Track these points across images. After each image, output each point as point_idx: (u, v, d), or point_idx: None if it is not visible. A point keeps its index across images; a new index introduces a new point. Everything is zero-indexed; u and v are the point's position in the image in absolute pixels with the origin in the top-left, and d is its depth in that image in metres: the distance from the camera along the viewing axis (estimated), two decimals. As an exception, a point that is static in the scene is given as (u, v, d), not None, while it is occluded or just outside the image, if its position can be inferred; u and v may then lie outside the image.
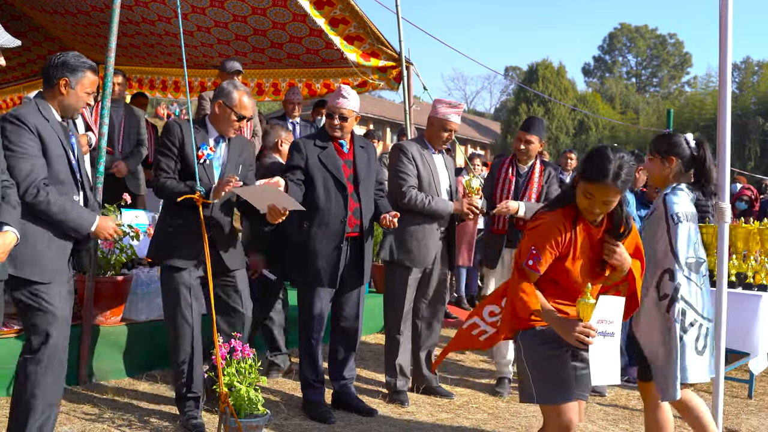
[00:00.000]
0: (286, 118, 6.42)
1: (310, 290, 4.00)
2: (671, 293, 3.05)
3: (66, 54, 3.05)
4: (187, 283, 3.62)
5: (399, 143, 4.61)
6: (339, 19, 6.41)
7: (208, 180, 3.63)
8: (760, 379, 5.53)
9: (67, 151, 3.00)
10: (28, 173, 2.83)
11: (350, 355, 4.20)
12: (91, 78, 3.07)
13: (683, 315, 3.05)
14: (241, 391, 3.34)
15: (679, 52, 54.20)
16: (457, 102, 4.46)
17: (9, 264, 2.78)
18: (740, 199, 8.41)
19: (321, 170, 3.98)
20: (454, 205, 4.36)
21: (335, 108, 4.01)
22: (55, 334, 2.89)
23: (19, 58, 8.86)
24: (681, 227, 3.07)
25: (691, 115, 33.26)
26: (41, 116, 2.94)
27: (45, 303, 2.87)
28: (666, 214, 3.11)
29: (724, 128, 4.12)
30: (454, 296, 7.72)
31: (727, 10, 4.05)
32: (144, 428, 3.61)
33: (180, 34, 4.18)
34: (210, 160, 3.67)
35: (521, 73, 47.46)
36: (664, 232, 3.10)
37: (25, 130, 2.86)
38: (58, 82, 2.99)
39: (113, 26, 4.32)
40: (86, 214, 3.01)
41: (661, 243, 3.11)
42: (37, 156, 2.88)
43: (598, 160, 2.60)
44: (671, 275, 3.06)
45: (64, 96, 3.01)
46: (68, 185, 3.00)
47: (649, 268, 3.10)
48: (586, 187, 2.64)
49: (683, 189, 3.21)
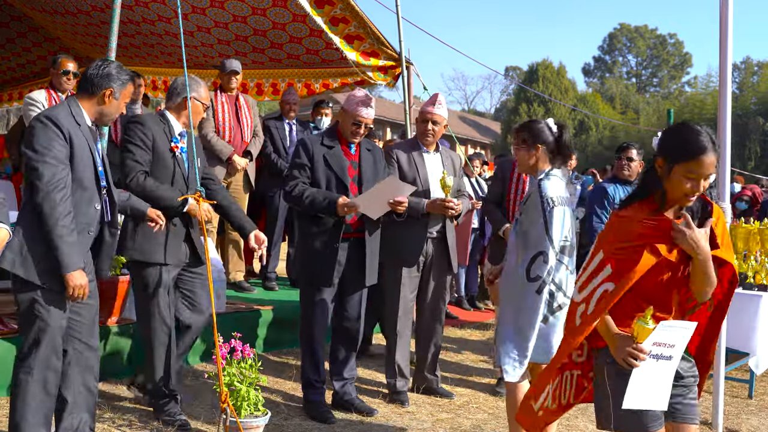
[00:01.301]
0: (282, 119, 6.42)
1: (312, 290, 4.01)
2: (543, 276, 3.08)
3: (110, 64, 3.06)
4: (166, 281, 3.63)
5: (387, 146, 4.65)
6: (339, 18, 6.42)
7: (181, 172, 3.67)
8: (760, 379, 5.53)
9: (94, 157, 2.99)
10: (51, 179, 2.78)
11: (351, 356, 4.20)
12: (131, 89, 3.14)
13: (552, 297, 3.11)
14: (241, 391, 3.35)
15: (679, 52, 54.18)
16: (433, 94, 4.49)
17: (18, 262, 2.80)
18: (740, 199, 8.41)
19: (325, 170, 4.00)
20: (426, 205, 4.31)
21: (364, 119, 4.02)
22: (45, 342, 2.86)
23: (19, 58, 8.86)
24: (556, 211, 3.12)
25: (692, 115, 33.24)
26: (74, 120, 2.93)
27: (42, 310, 2.85)
28: (541, 199, 3.16)
29: (724, 128, 4.12)
30: (454, 296, 7.72)
31: (727, 10, 4.05)
32: (144, 428, 3.61)
33: (180, 34, 4.18)
34: (182, 153, 3.71)
35: (521, 73, 47.45)
36: (539, 217, 3.14)
37: (57, 133, 2.82)
38: (102, 92, 3.00)
39: (114, 26, 4.32)
40: (75, 258, 2.84)
41: (536, 227, 3.15)
42: (64, 162, 2.84)
43: (688, 136, 2.43)
44: (545, 257, 3.10)
45: (106, 105, 3.03)
46: (90, 192, 2.97)
47: (524, 250, 3.15)
48: (687, 168, 2.39)
49: (557, 174, 3.27)
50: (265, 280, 6.28)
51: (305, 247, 4.01)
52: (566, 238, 3.17)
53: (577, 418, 4.38)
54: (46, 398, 2.90)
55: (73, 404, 3.03)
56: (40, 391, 2.88)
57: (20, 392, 2.87)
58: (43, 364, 2.87)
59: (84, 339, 3.06)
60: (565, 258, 3.16)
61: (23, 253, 2.82)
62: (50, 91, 5.09)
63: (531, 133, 3.34)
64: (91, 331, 3.10)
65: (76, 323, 3.02)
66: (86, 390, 3.08)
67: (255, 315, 5.19)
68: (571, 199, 4.92)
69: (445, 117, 4.44)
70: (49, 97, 5.03)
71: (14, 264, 2.82)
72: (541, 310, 3.09)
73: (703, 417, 4.53)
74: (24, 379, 2.87)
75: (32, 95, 5.07)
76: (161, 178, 3.63)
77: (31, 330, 2.87)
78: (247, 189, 6.05)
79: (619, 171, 5.20)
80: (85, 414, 3.08)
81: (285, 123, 6.38)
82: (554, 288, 3.13)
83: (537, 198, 3.19)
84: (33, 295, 2.85)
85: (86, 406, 3.09)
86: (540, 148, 3.31)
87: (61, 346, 2.93)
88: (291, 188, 3.97)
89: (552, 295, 3.13)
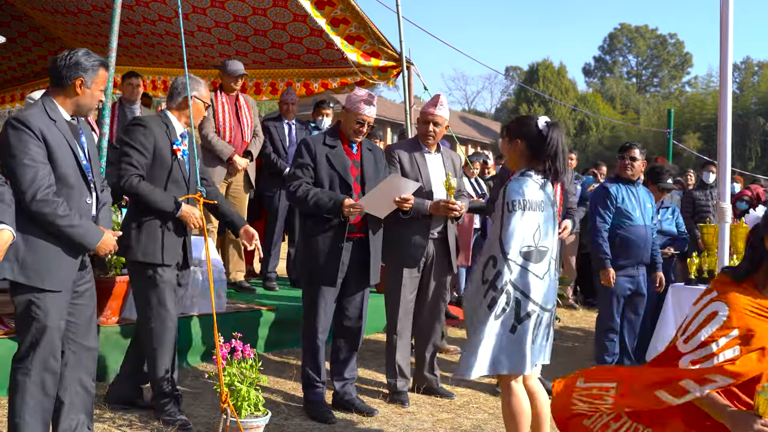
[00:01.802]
0: (281, 119, 6.42)
1: (314, 290, 4.00)
2: (490, 279, 3.03)
3: (76, 53, 2.96)
4: (170, 281, 3.63)
5: (388, 146, 4.64)
6: (340, 19, 6.42)
7: (182, 174, 3.67)
8: (760, 379, 5.53)
9: (75, 151, 2.93)
10: (32, 181, 2.75)
11: (352, 356, 4.20)
12: (104, 75, 3.03)
13: (518, 305, 3.02)
14: (242, 391, 3.35)
15: (679, 52, 54.18)
16: (435, 95, 4.48)
17: (17, 270, 2.78)
18: (741, 199, 8.41)
19: (328, 169, 3.99)
20: (429, 206, 4.31)
21: (367, 117, 4.02)
22: (43, 343, 2.84)
23: (20, 58, 8.86)
24: (513, 216, 3.03)
25: (692, 115, 33.28)
26: (48, 118, 2.86)
27: (39, 311, 2.83)
28: (503, 200, 3.08)
29: (724, 128, 4.12)
30: (455, 296, 7.71)
31: (727, 10, 4.05)
32: (144, 428, 3.61)
33: (181, 34, 4.18)
34: (184, 155, 3.70)
35: (522, 73, 47.47)
36: (499, 219, 3.09)
37: (29, 135, 2.76)
38: (72, 82, 2.92)
39: (114, 26, 4.32)
40: (94, 229, 2.95)
41: (495, 230, 3.11)
42: (43, 162, 2.79)
43: None
44: (494, 262, 3.03)
45: (80, 96, 2.96)
46: (77, 188, 2.93)
47: (485, 253, 3.11)
48: None
49: (531, 176, 3.13)
50: (266, 280, 6.28)
51: (309, 247, 4.00)
52: (530, 245, 3.05)
53: (577, 418, 4.38)
54: (44, 399, 2.89)
55: (70, 405, 3.02)
56: (38, 392, 2.87)
57: (18, 393, 2.86)
58: (41, 366, 2.86)
59: (80, 340, 3.04)
60: (531, 264, 3.05)
61: (19, 258, 2.80)
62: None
63: (514, 127, 3.26)
64: (88, 332, 3.08)
65: (73, 324, 3.01)
66: (83, 390, 3.07)
67: (255, 315, 5.19)
68: (572, 200, 4.89)
69: (446, 118, 4.44)
70: (50, 96, 5.02)
71: (13, 272, 2.79)
72: (489, 313, 3.01)
73: (703, 417, 4.53)
74: (22, 380, 2.85)
75: (33, 95, 5.07)
76: (161, 180, 3.62)
77: (29, 332, 2.85)
78: (247, 189, 6.05)
79: (621, 171, 5.17)
80: (83, 415, 3.07)
81: (284, 123, 6.38)
82: (520, 296, 3.03)
83: (500, 201, 3.11)
84: (30, 296, 2.83)
85: (83, 406, 3.08)
86: (519, 143, 3.19)
87: (59, 348, 2.92)
88: (295, 188, 3.95)
89: (518, 303, 3.03)
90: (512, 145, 3.22)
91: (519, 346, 3.05)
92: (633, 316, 5.20)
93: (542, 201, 3.12)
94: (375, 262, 4.12)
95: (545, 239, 3.13)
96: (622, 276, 5.03)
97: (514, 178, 3.14)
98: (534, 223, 3.08)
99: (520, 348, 3.05)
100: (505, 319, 3.04)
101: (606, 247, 4.98)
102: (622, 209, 5.04)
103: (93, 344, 3.12)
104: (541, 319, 3.12)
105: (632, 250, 5.04)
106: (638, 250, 5.05)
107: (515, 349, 3.05)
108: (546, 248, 3.13)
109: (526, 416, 3.14)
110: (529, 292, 3.05)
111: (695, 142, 31.14)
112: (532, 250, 3.06)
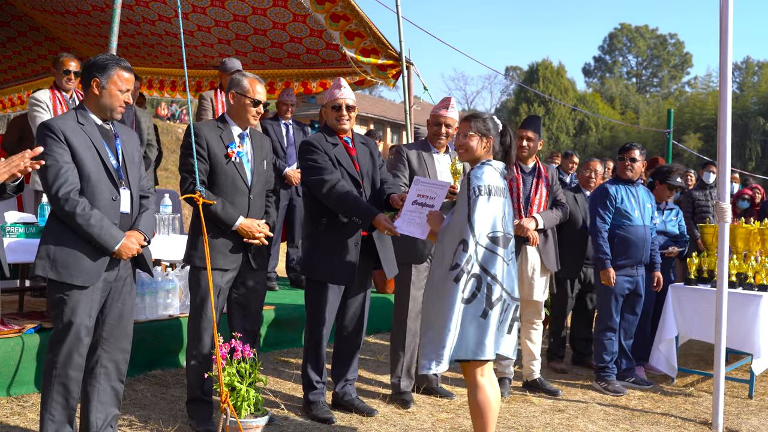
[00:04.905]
0: (279, 119, 6.42)
1: (319, 289, 3.97)
2: (462, 264, 3.06)
3: (95, 57, 3.07)
4: (218, 285, 3.63)
5: (398, 144, 4.62)
6: (340, 15, 6.43)
7: (241, 178, 3.64)
8: (760, 379, 5.54)
9: (102, 154, 2.99)
10: (54, 179, 2.87)
11: (354, 356, 4.18)
12: (124, 75, 3.06)
13: (489, 290, 3.08)
14: (242, 391, 3.35)
15: (679, 52, 54.22)
16: (444, 97, 4.49)
17: (48, 267, 2.92)
18: (741, 198, 8.41)
19: (338, 167, 3.95)
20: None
21: (341, 100, 3.97)
22: (69, 339, 2.94)
23: (20, 57, 8.88)
24: (480, 200, 3.12)
25: (692, 115, 33.30)
26: (75, 122, 2.98)
27: (67, 308, 2.94)
28: (468, 186, 3.16)
29: (724, 128, 4.12)
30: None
31: (727, 10, 4.05)
32: (144, 428, 3.61)
33: (180, 33, 4.18)
34: (240, 157, 3.67)
35: (521, 73, 47.48)
36: (465, 205, 3.15)
37: (52, 138, 2.90)
38: (90, 83, 3.02)
39: (114, 26, 4.32)
40: (113, 232, 2.98)
41: (461, 215, 3.15)
42: (66, 162, 2.90)
43: None
44: (465, 246, 3.08)
45: (99, 96, 3.03)
46: (103, 189, 2.99)
47: (453, 239, 3.14)
48: None
49: (491, 164, 3.28)
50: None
51: (324, 245, 3.94)
52: (498, 230, 3.15)
53: (577, 417, 4.38)
54: (67, 394, 2.99)
55: (97, 402, 3.12)
56: (61, 387, 2.97)
57: (45, 386, 2.99)
58: (65, 360, 2.96)
59: (112, 340, 3.13)
60: (499, 249, 3.13)
61: (51, 255, 2.93)
62: (54, 90, 5.09)
63: (487, 126, 3.36)
64: (120, 333, 3.15)
65: (107, 324, 3.10)
66: (111, 389, 3.16)
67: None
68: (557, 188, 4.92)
69: (457, 120, 4.44)
70: (53, 96, 5.03)
71: (45, 269, 2.94)
72: (458, 298, 3.05)
73: (703, 417, 4.53)
74: (48, 373, 2.98)
75: (36, 95, 5.07)
76: (220, 186, 3.61)
77: (57, 327, 2.98)
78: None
79: (621, 172, 5.18)
80: (111, 410, 3.16)
81: (282, 123, 6.36)
82: (491, 280, 3.09)
83: (465, 187, 3.20)
84: (60, 293, 2.95)
85: (111, 404, 3.16)
86: (492, 140, 3.35)
87: (86, 345, 3.00)
88: (332, 184, 3.83)
89: (489, 288, 3.09)
90: (484, 141, 3.34)
91: (482, 331, 3.08)
92: (630, 315, 5.22)
93: (503, 188, 3.26)
94: (389, 256, 4.11)
95: (509, 226, 3.25)
96: (621, 276, 5.05)
97: (477, 167, 3.26)
98: (499, 209, 3.18)
99: (482, 335, 3.08)
100: (476, 303, 3.08)
101: (606, 247, 5.00)
102: (621, 209, 5.07)
103: (126, 345, 3.19)
104: (507, 306, 3.17)
105: (631, 250, 5.06)
106: (637, 250, 5.07)
107: (476, 333, 3.08)
108: (511, 235, 3.25)
109: (493, 411, 3.16)
110: (498, 276, 3.12)
111: (695, 142, 31.22)
112: (500, 236, 3.16)
